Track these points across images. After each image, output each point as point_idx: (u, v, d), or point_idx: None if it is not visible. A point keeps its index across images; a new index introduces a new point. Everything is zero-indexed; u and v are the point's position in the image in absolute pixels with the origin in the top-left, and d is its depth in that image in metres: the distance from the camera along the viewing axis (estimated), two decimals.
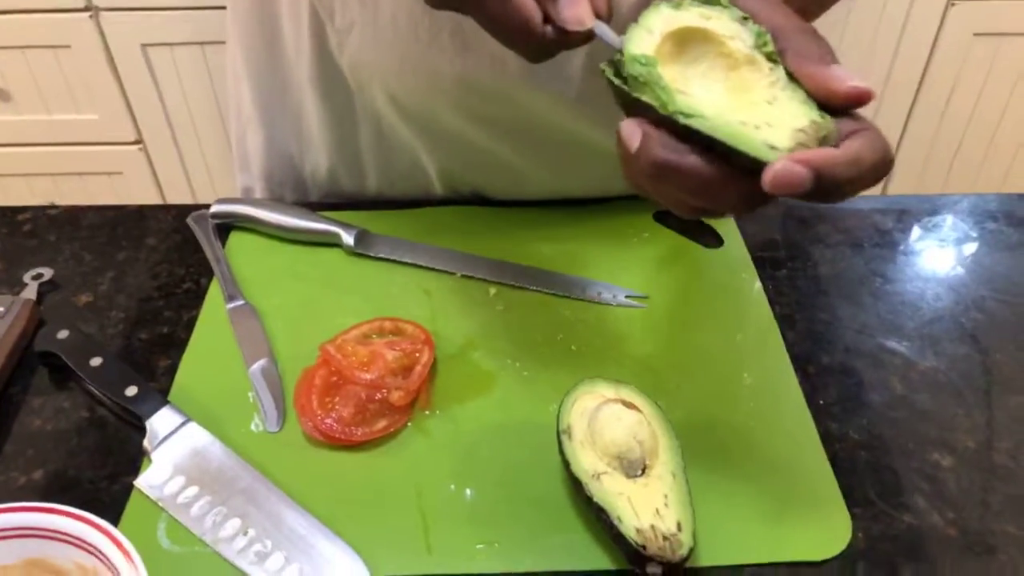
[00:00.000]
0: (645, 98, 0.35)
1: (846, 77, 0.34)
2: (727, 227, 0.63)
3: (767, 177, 0.31)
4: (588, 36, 0.37)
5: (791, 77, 0.35)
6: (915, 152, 1.66)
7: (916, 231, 0.64)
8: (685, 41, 0.37)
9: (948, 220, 0.65)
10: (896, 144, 1.65)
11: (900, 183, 1.70)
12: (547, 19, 0.37)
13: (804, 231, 0.64)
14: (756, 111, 0.34)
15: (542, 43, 0.37)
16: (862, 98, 0.34)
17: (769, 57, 0.36)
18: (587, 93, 0.55)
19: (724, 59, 0.37)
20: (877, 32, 1.48)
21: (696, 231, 0.63)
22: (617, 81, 0.36)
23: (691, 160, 0.33)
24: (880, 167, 0.33)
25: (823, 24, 0.46)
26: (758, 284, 0.58)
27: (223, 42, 1.46)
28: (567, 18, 0.36)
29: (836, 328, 0.55)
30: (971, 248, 0.62)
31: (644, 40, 0.37)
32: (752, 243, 0.61)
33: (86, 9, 1.43)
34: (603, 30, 0.37)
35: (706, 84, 0.37)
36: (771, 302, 0.56)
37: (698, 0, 0.37)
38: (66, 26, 1.44)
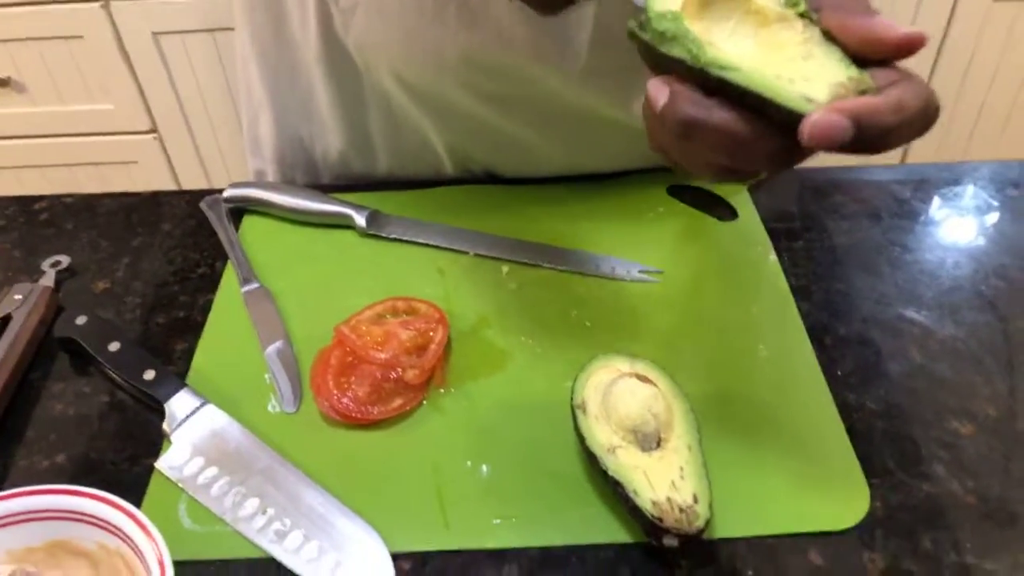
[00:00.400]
0: (675, 52, 0.34)
1: (894, 26, 0.32)
2: (741, 200, 0.62)
3: (805, 128, 0.30)
4: None
5: (827, 36, 0.34)
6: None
7: (936, 200, 0.63)
8: (710, 1, 0.36)
9: (968, 189, 0.64)
10: None
11: (920, 149, 1.67)
12: None
13: (820, 201, 0.63)
14: (791, 66, 0.33)
15: None
16: (915, 44, 0.32)
17: (802, 16, 0.34)
18: (594, 67, 0.55)
19: (753, 16, 0.35)
20: (895, 1, 1.46)
21: (710, 204, 0.62)
22: (646, 37, 0.35)
23: (721, 115, 0.32)
24: (925, 114, 0.32)
25: None
26: (773, 256, 0.57)
27: (233, 28, 1.47)
28: None
29: (853, 299, 0.55)
30: (992, 216, 0.61)
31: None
32: (767, 215, 0.61)
33: None
34: None
35: (735, 41, 0.35)
36: (787, 274, 0.56)
37: None
38: (78, 17, 1.45)
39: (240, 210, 0.62)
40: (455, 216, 0.61)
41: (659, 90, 0.33)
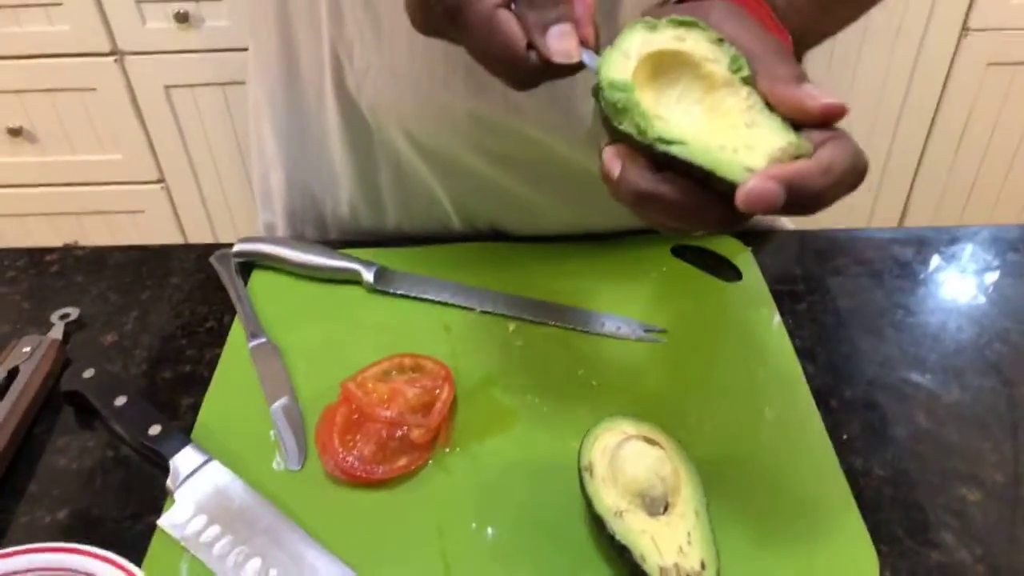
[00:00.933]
0: (624, 126, 0.36)
1: (818, 95, 0.34)
2: (745, 261, 0.63)
3: (740, 196, 0.32)
4: (577, 67, 0.37)
5: (767, 103, 0.36)
6: (932, 183, 1.66)
7: (936, 261, 0.64)
8: (662, 63, 0.37)
9: (968, 250, 0.65)
10: (912, 175, 1.65)
11: (917, 214, 1.69)
12: (530, 46, 0.36)
13: (823, 263, 0.64)
14: (735, 134, 0.35)
15: (526, 71, 0.36)
16: (834, 113, 0.35)
17: (745, 81, 0.36)
18: (599, 132, 0.56)
19: (701, 81, 0.37)
20: (891, 62, 1.49)
21: (714, 265, 0.63)
22: (601, 104, 0.37)
23: (667, 189, 0.34)
24: (854, 172, 0.34)
25: (838, 52, 0.47)
26: (778, 318, 0.58)
27: (243, 83, 1.49)
28: (555, 51, 0.36)
29: (858, 361, 0.55)
30: (992, 278, 0.62)
31: (621, 64, 0.37)
32: (771, 276, 0.61)
33: (111, 53, 1.46)
34: (591, 60, 0.37)
35: (683, 106, 0.37)
36: (791, 335, 0.56)
37: (674, 21, 0.38)
38: (92, 70, 1.48)
39: (249, 264, 0.63)
40: (462, 273, 0.61)
41: (612, 162, 0.36)
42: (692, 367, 0.54)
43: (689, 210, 0.35)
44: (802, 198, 0.33)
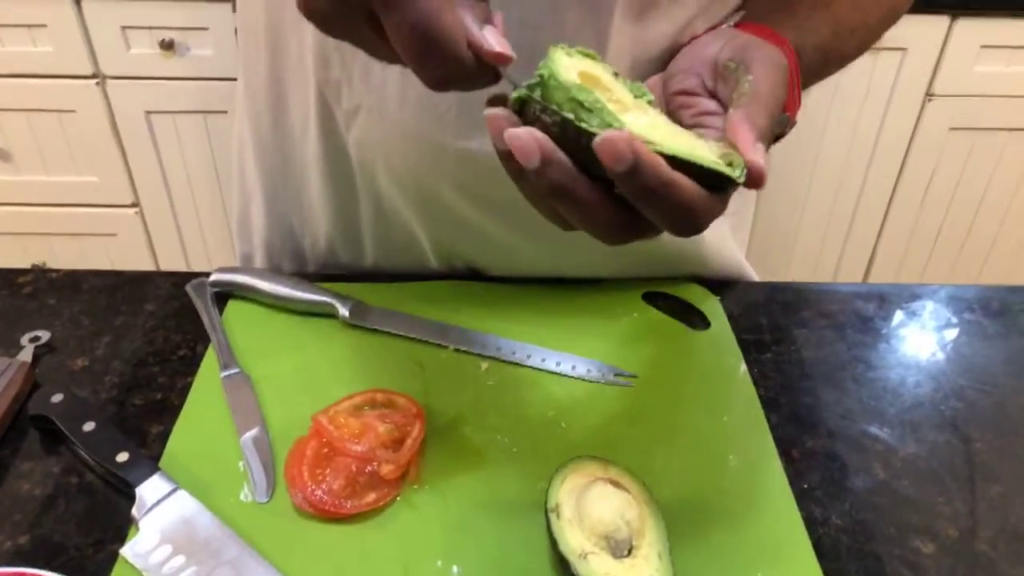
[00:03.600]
0: (593, 124, 0.35)
1: (755, 152, 0.38)
2: (714, 309, 0.64)
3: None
4: (496, 78, 0.36)
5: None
6: (895, 241, 1.71)
7: (897, 317, 0.66)
8: (593, 86, 0.38)
9: (928, 308, 0.67)
10: (877, 233, 1.70)
11: (880, 272, 1.74)
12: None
13: (788, 315, 0.65)
14: (683, 137, 0.38)
15: (458, 67, 0.35)
16: (755, 175, 0.37)
17: (650, 103, 0.40)
18: None
19: (615, 104, 0.38)
20: (858, 124, 1.55)
21: (683, 312, 0.64)
22: (554, 107, 0.35)
23: (587, 190, 0.35)
24: (685, 221, 0.36)
25: (808, 112, 0.50)
26: (743, 366, 0.59)
27: (224, 112, 1.50)
28: (496, 47, 0.35)
29: (819, 412, 0.56)
30: (950, 336, 0.64)
31: (569, 72, 0.37)
32: (738, 326, 0.63)
33: (93, 76, 1.47)
34: (510, 73, 0.37)
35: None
36: (756, 385, 0.58)
37: (582, 51, 0.40)
38: (73, 92, 1.48)
39: (225, 294, 0.63)
40: (437, 310, 0.62)
41: (530, 151, 0.35)
42: (660, 412, 0.56)
43: (597, 211, 0.36)
44: (640, 179, 0.34)
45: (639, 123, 0.37)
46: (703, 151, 0.37)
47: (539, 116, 0.36)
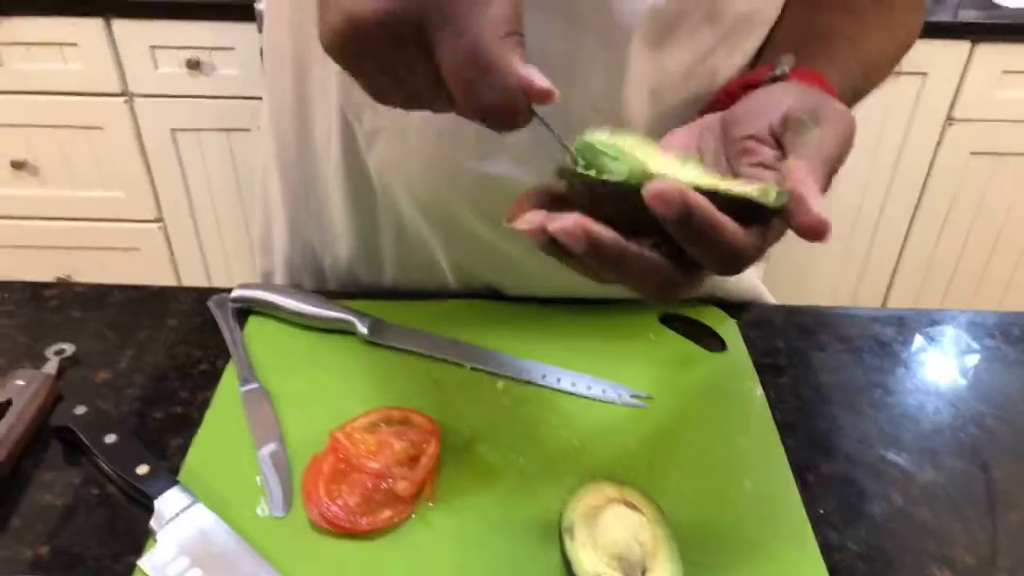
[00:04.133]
0: (618, 173, 0.36)
1: (808, 207, 0.36)
2: (730, 332, 0.64)
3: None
4: (528, 118, 0.37)
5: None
6: (914, 267, 1.70)
7: (916, 343, 0.66)
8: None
9: (947, 333, 0.67)
10: (896, 258, 1.69)
11: (899, 297, 1.73)
12: None
13: (806, 339, 0.65)
14: (717, 179, 0.37)
15: (507, 96, 0.35)
16: (815, 228, 0.36)
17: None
18: None
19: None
20: (879, 148, 1.54)
21: (700, 335, 0.64)
22: (589, 172, 0.36)
23: (634, 258, 0.35)
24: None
25: None
26: (760, 390, 0.59)
27: (248, 130, 1.52)
28: (541, 81, 0.35)
29: (836, 437, 0.56)
30: (969, 363, 0.64)
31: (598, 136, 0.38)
32: (755, 349, 0.63)
33: (122, 94, 1.50)
34: (543, 119, 0.38)
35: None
36: (772, 408, 0.57)
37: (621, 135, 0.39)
38: (101, 109, 1.51)
39: (246, 310, 0.64)
40: (455, 329, 0.63)
41: (576, 239, 0.35)
42: (675, 434, 0.56)
43: (667, 275, 0.36)
44: (695, 223, 0.34)
45: (670, 167, 0.37)
46: (738, 187, 0.37)
47: (577, 186, 0.37)
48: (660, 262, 0.36)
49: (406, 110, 0.40)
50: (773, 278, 0.75)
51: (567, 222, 0.35)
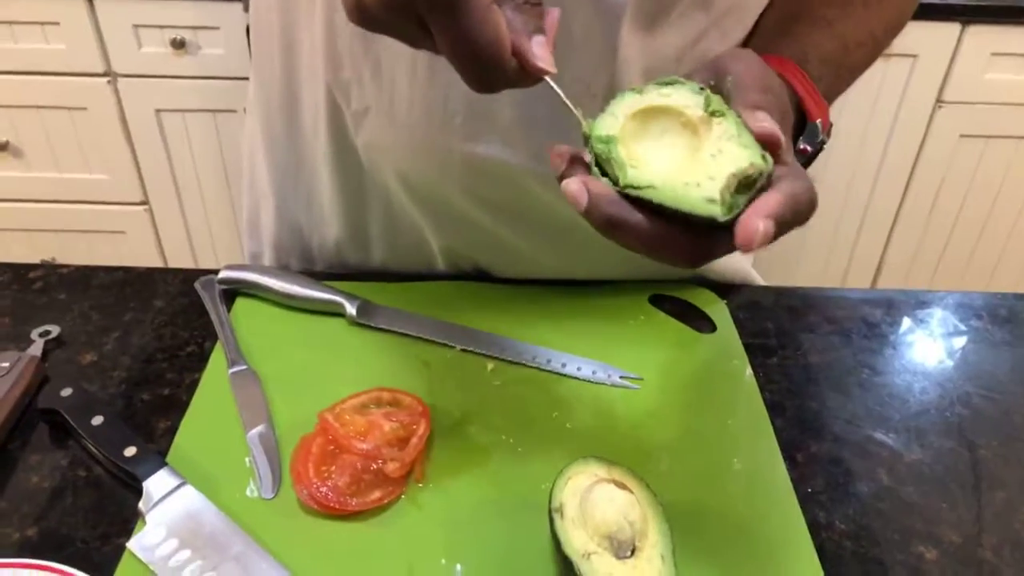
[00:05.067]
0: (609, 171, 0.39)
1: (760, 120, 0.39)
2: (720, 313, 0.64)
3: (738, 240, 0.36)
4: (536, 81, 0.38)
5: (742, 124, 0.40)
6: (903, 249, 1.70)
7: (903, 324, 0.66)
8: (650, 116, 0.41)
9: (935, 315, 0.67)
10: (885, 240, 1.69)
11: (888, 279, 1.73)
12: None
13: (795, 320, 0.65)
14: (701, 168, 0.38)
15: (502, 71, 0.36)
16: (767, 137, 0.38)
17: (714, 114, 0.40)
18: None
19: (684, 126, 0.41)
20: (868, 131, 1.54)
21: (689, 316, 0.64)
22: (588, 156, 0.40)
23: (636, 219, 0.37)
24: (811, 205, 0.38)
25: None
26: (749, 371, 0.59)
27: (234, 111, 1.51)
28: (540, 57, 0.37)
29: (824, 417, 0.56)
30: (957, 344, 0.64)
31: (608, 123, 0.41)
32: (744, 331, 0.63)
33: (105, 74, 1.48)
34: (554, 83, 0.39)
35: (665, 147, 0.41)
36: (761, 389, 0.58)
37: (660, 82, 0.41)
38: (84, 89, 1.49)
39: (233, 292, 0.64)
40: (444, 311, 0.62)
41: (579, 194, 0.38)
42: (664, 415, 0.56)
43: (655, 239, 0.37)
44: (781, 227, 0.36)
45: (654, 162, 0.39)
46: (697, 193, 0.37)
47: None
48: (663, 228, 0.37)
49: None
50: (763, 260, 0.75)
51: (572, 182, 0.38)
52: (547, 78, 0.38)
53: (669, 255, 0.38)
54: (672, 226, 0.38)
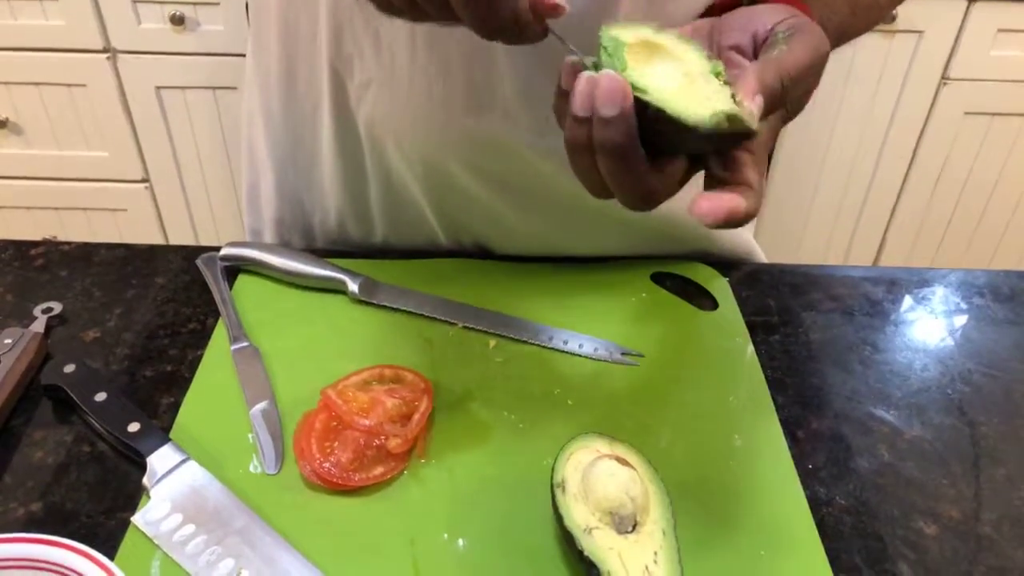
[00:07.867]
0: (606, 64, 0.39)
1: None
2: (722, 291, 0.64)
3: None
4: (544, 32, 0.38)
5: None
6: (906, 226, 1.70)
7: (905, 302, 0.66)
8: (655, 53, 0.41)
9: (936, 293, 0.67)
10: (888, 217, 1.69)
11: (891, 256, 1.73)
12: None
13: (796, 297, 0.65)
14: (696, 99, 0.39)
15: (512, 16, 0.36)
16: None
17: (717, 75, 0.40)
18: None
19: (684, 75, 0.41)
20: (872, 107, 1.53)
21: (691, 293, 0.64)
22: (588, 63, 0.39)
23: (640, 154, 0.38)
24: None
25: (822, 95, 0.51)
26: (751, 348, 0.59)
27: (234, 87, 1.49)
28: (549, 1, 0.36)
29: (826, 394, 0.56)
30: (958, 321, 0.64)
31: (622, 31, 0.41)
32: (746, 307, 0.63)
33: (104, 51, 1.47)
34: (557, 33, 0.39)
35: (666, 80, 0.40)
36: (763, 366, 0.58)
37: (648, 27, 0.42)
38: (84, 66, 1.48)
39: (235, 269, 0.64)
40: (446, 288, 0.62)
41: (616, 96, 0.37)
42: (666, 391, 0.56)
43: (624, 150, 0.37)
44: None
45: (655, 73, 0.40)
46: (697, 107, 0.38)
47: None
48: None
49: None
50: (765, 236, 0.75)
51: (604, 77, 0.37)
52: (551, 33, 0.38)
53: (630, 179, 0.38)
54: (640, 150, 0.38)
